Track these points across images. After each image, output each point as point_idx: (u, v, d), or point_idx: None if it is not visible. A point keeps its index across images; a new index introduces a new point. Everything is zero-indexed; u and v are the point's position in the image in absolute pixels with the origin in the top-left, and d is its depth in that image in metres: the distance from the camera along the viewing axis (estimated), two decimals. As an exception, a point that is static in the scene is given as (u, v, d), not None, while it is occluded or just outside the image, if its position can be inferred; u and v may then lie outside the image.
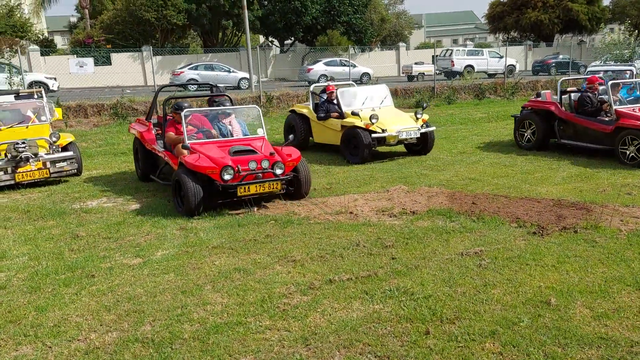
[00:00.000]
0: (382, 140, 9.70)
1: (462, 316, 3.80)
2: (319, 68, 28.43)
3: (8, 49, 22.37)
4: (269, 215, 6.55)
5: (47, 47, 32.01)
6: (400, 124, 9.86)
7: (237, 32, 35.19)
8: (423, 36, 56.13)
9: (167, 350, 3.46)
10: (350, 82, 13.78)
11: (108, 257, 5.24)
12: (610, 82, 9.21)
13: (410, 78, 29.96)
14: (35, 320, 3.93)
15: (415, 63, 31.57)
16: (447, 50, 32.26)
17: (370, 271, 4.65)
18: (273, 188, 6.78)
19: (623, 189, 7.14)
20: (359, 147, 9.64)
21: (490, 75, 29.67)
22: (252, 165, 6.61)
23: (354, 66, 29.03)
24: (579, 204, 6.43)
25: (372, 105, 10.44)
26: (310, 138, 11.25)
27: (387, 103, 10.76)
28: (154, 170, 8.30)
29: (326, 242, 5.49)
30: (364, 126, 9.61)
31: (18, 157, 8.07)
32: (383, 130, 9.59)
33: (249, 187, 6.58)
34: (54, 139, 8.73)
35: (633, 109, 8.99)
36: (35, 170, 8.24)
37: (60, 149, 8.87)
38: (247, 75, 23.84)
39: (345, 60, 29.60)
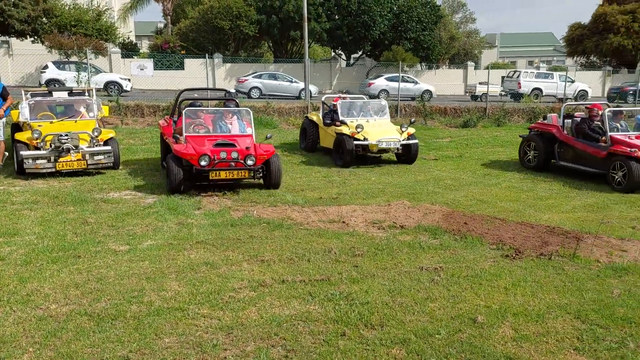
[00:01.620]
0: (365, 148, 10.97)
1: (386, 323, 3.95)
2: (380, 83, 28.59)
3: (91, 50, 24.40)
4: (264, 219, 6.90)
5: (131, 51, 34.48)
6: (383, 135, 11.04)
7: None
8: (496, 56, 54.69)
9: (106, 325, 3.88)
10: (362, 96, 14.75)
11: (102, 243, 5.79)
12: (607, 110, 9.58)
13: (474, 98, 29.41)
14: (14, 289, 4.50)
15: (480, 83, 30.92)
16: (515, 71, 31.34)
17: (326, 276, 4.88)
18: (242, 175, 8.30)
19: (630, 222, 6.85)
20: (344, 151, 10.80)
21: (560, 100, 28.54)
22: (223, 155, 8.12)
23: (416, 83, 28.97)
24: (571, 233, 6.27)
25: (367, 117, 11.76)
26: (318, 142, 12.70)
27: (383, 116, 12.11)
28: None
29: (302, 246, 5.76)
30: (350, 134, 10.93)
31: (60, 148, 8.96)
32: (365, 139, 10.83)
33: (219, 173, 8.11)
34: (96, 133, 9.60)
35: (629, 137, 9.41)
36: (74, 161, 9.10)
37: (101, 144, 9.72)
38: (308, 87, 24.48)
39: (408, 77, 29.61)
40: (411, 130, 11.43)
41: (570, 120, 10.53)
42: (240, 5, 29.99)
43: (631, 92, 30.18)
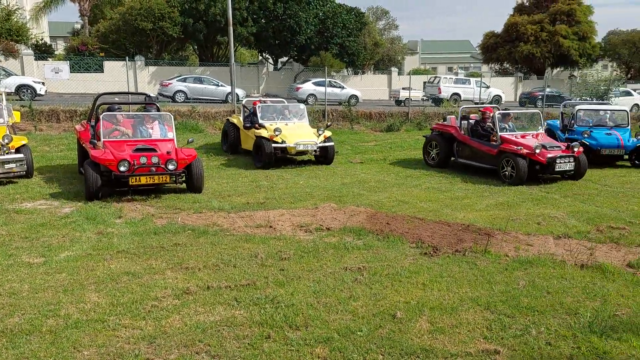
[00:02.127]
0: (284, 150, 11.42)
1: (310, 324, 4.05)
2: (307, 87, 28.84)
3: (1, 52, 22.85)
4: (189, 226, 6.81)
5: (45, 52, 32.60)
6: (301, 137, 11.51)
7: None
8: (418, 62, 56.91)
9: (20, 341, 3.71)
10: (282, 100, 14.99)
11: (14, 255, 5.49)
12: (497, 113, 10.90)
13: (398, 102, 30.39)
14: None
15: (403, 88, 32.02)
16: (435, 77, 32.74)
17: (252, 280, 4.91)
18: (163, 180, 8.28)
19: (535, 218, 7.40)
20: (263, 154, 11.16)
21: (477, 104, 30.11)
22: (143, 160, 8.08)
23: (343, 88, 29.49)
24: (483, 230, 6.69)
25: (286, 120, 12.24)
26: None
27: (302, 119, 12.59)
28: None
29: (228, 252, 5.75)
30: (268, 137, 11.29)
31: (-34, 157, 8.36)
32: (283, 142, 11.26)
33: (139, 178, 8.04)
34: (6, 140, 9.04)
35: (515, 136, 10.56)
36: (-18, 170, 8.52)
37: (13, 151, 9.16)
38: (236, 90, 24.25)
39: (335, 82, 30.10)
40: (327, 133, 11.99)
41: (466, 122, 11.57)
42: (163, 6, 29.25)
43: (540, 97, 32.45)
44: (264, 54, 37.81)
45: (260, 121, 11.98)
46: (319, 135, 11.76)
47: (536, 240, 6.37)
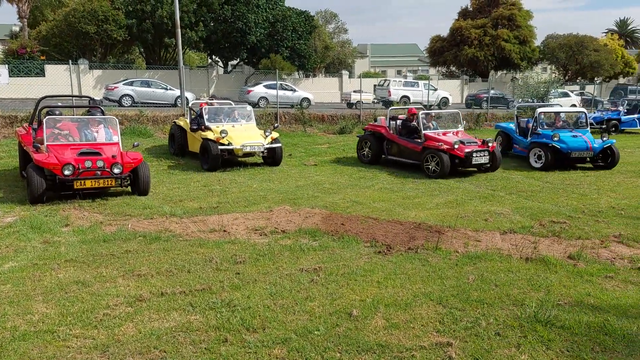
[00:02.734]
0: (231, 152, 11.42)
1: (267, 325, 4.05)
2: (259, 90, 28.71)
3: None
4: (140, 232, 6.66)
5: (-21, 56, 31.03)
6: (248, 139, 11.56)
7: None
8: (368, 65, 57.74)
9: (-38, 356, 3.53)
10: (229, 102, 14.99)
11: (-48, 268, 5.21)
12: (421, 113, 11.77)
13: (350, 105, 30.73)
14: None
15: (354, 91, 32.41)
16: (385, 80, 33.32)
17: (207, 285, 4.86)
18: (108, 184, 8.33)
19: (483, 215, 7.68)
20: (210, 156, 11.16)
21: (426, 107, 30.84)
22: (88, 164, 8.09)
23: (295, 90, 29.54)
24: (434, 227, 6.89)
25: (233, 122, 12.30)
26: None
27: (249, 121, 12.65)
28: None
29: (182, 258, 5.67)
30: (215, 139, 11.28)
31: None
32: (230, 144, 11.25)
33: (84, 182, 8.07)
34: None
35: (438, 134, 11.44)
36: None
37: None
38: (185, 94, 23.85)
39: (286, 84, 30.11)
40: (275, 134, 12.08)
41: (395, 122, 12.45)
42: (107, 8, 28.44)
43: (485, 98, 33.62)
44: (213, 57, 37.41)
45: (206, 123, 11.96)
46: (267, 136, 11.85)
47: (484, 236, 6.61)
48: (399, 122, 12.45)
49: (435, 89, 31.90)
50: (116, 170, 8.29)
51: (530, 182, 10.51)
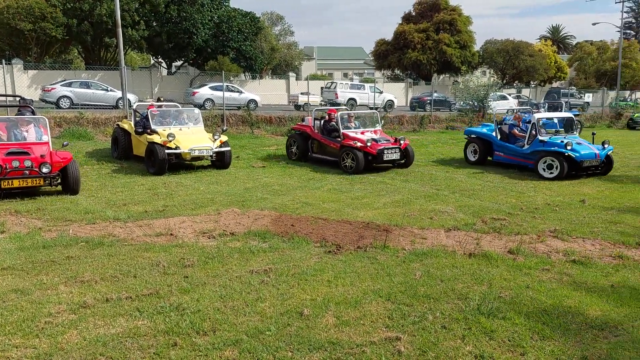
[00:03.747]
0: (178, 156, 11.22)
1: (218, 328, 4.02)
2: (204, 92, 28.26)
3: None
4: (82, 238, 6.43)
5: None
6: (196, 143, 11.37)
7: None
8: (315, 67, 58.11)
9: None
10: (175, 104, 14.82)
11: None
12: (339, 113, 12.52)
13: (297, 107, 30.80)
14: None
15: (301, 93, 32.51)
16: (332, 82, 33.63)
17: (154, 289, 4.76)
18: (37, 183, 8.42)
19: (428, 213, 7.91)
20: (156, 160, 10.95)
21: (372, 109, 31.33)
22: (15, 163, 8.18)
23: (241, 92, 29.28)
24: (382, 226, 7.03)
25: (181, 125, 12.14)
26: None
27: (197, 124, 12.50)
28: None
29: (127, 263, 5.52)
30: (161, 143, 11.06)
31: None
32: (177, 147, 11.09)
33: (12, 182, 8.16)
34: None
35: (355, 132, 12.19)
36: None
37: None
38: (127, 95, 23.15)
39: (233, 86, 29.81)
40: (224, 138, 12.02)
41: (319, 122, 13.15)
42: (44, 5, 27.20)
43: (428, 101, 34.58)
44: (157, 58, 36.54)
45: (152, 126, 11.73)
46: (215, 140, 11.72)
47: (429, 233, 6.81)
48: (322, 121, 13.13)
49: (381, 92, 32.47)
50: (45, 170, 8.39)
51: (472, 181, 10.91)
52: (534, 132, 11.83)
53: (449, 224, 7.27)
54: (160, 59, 36.06)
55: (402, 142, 12.17)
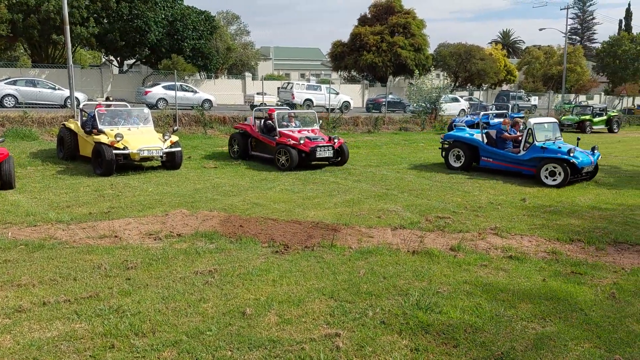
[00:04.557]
0: (127, 156, 11.04)
1: (158, 329, 3.99)
2: (157, 91, 27.70)
3: None
4: (22, 240, 6.24)
5: None
6: (145, 143, 11.20)
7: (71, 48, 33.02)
8: (272, 68, 57.96)
9: None
10: (124, 103, 14.63)
11: None
12: (276, 113, 12.98)
13: (253, 107, 30.63)
14: None
15: (257, 93, 32.37)
16: (288, 83, 33.62)
17: (94, 292, 4.67)
18: None
19: (377, 212, 8.07)
20: (103, 161, 10.78)
21: (328, 110, 31.53)
22: None
23: (195, 92, 28.88)
24: (331, 226, 7.13)
25: (130, 126, 11.93)
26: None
27: (147, 124, 12.32)
28: None
29: (68, 265, 5.38)
30: (109, 143, 10.86)
31: None
32: (125, 148, 10.90)
33: None
34: None
35: (292, 131, 12.63)
36: None
37: None
38: (76, 94, 22.45)
39: (187, 86, 29.36)
40: (174, 138, 11.87)
41: (258, 121, 13.70)
42: (-14, 0, 26.07)
43: (384, 103, 35.09)
44: (108, 56, 35.59)
45: (100, 126, 11.49)
46: (165, 140, 11.57)
47: (376, 232, 6.95)
48: (261, 120, 13.58)
49: (337, 93, 32.69)
50: None
51: (421, 181, 11.17)
52: (529, 138, 11.31)
53: (395, 223, 7.43)
54: (111, 57, 35.14)
55: (335, 140, 12.63)
